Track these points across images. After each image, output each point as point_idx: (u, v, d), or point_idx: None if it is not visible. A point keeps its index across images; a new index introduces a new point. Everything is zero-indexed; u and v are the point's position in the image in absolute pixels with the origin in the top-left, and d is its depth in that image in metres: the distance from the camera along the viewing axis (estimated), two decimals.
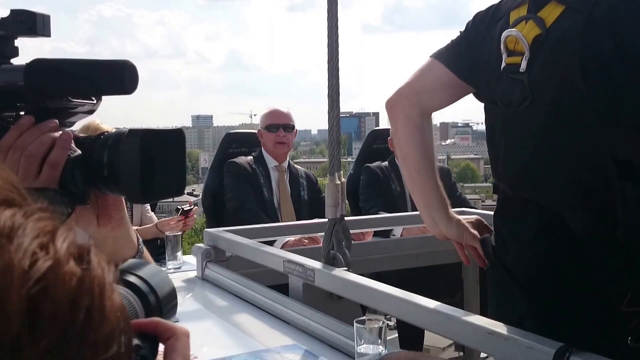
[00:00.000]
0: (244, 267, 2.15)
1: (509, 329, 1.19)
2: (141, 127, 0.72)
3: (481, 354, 2.78)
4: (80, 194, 0.72)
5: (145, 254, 0.87)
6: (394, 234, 2.93)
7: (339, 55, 1.75)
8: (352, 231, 1.87)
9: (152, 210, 3.42)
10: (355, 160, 3.74)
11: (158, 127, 0.81)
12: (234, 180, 3.05)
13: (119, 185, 0.71)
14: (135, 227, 2.44)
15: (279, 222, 2.90)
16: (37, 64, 0.70)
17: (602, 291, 1.24)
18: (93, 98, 0.79)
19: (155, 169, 0.70)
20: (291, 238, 2.59)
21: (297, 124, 3.23)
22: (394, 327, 3.25)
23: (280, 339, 1.61)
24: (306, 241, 2.61)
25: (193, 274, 2.30)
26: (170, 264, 2.47)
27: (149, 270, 0.52)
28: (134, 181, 0.69)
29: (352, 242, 1.84)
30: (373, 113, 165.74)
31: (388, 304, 1.47)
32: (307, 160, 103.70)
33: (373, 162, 3.38)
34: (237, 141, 3.42)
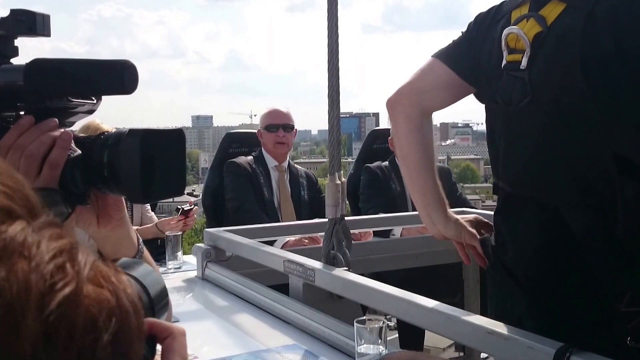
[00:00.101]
0: (244, 267, 2.15)
1: (509, 329, 1.19)
2: (141, 127, 0.72)
3: (481, 354, 2.78)
4: (81, 194, 0.72)
5: (146, 254, 0.87)
6: (393, 233, 2.93)
7: (339, 55, 1.75)
8: (351, 231, 1.87)
9: (152, 210, 3.42)
10: (355, 160, 3.73)
11: (158, 127, 0.81)
12: (234, 180, 3.04)
13: (119, 185, 0.71)
14: (136, 227, 2.44)
15: (279, 222, 2.89)
16: (37, 64, 0.70)
17: (602, 291, 1.24)
18: (93, 98, 0.79)
19: (156, 169, 0.70)
20: (291, 238, 2.59)
21: (297, 124, 3.23)
22: (394, 328, 3.25)
23: (280, 339, 1.61)
24: (306, 241, 2.61)
25: (193, 273, 2.30)
26: (170, 264, 2.47)
27: (142, 270, 0.52)
28: (134, 181, 0.69)
29: (353, 242, 1.84)
30: (373, 113, 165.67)
31: (388, 304, 1.47)
32: (307, 160, 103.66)
33: (373, 162, 3.37)
34: (237, 141, 3.42)
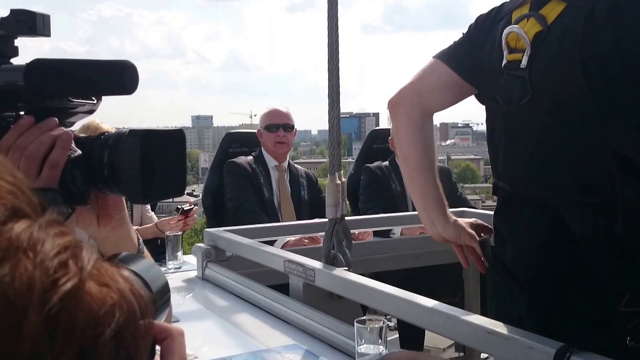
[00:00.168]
0: (245, 267, 2.15)
1: (510, 328, 1.19)
2: (141, 127, 0.72)
3: (481, 355, 2.78)
4: (81, 194, 0.72)
5: (146, 254, 0.87)
6: (393, 232, 2.93)
7: (339, 55, 1.75)
8: (351, 231, 1.87)
9: (152, 210, 3.42)
10: (355, 160, 3.73)
11: (158, 127, 0.81)
12: (234, 180, 3.04)
13: (119, 185, 0.71)
14: (135, 227, 2.44)
15: (279, 222, 2.89)
16: (37, 64, 0.70)
17: (602, 291, 1.24)
18: (93, 98, 0.79)
19: (156, 169, 0.70)
20: (291, 238, 2.59)
21: (297, 124, 3.23)
22: (394, 328, 3.25)
23: (280, 339, 1.61)
24: (306, 241, 2.61)
25: (193, 273, 2.30)
26: (170, 264, 2.47)
27: (143, 265, 0.51)
28: (134, 181, 0.69)
29: (353, 242, 1.84)
30: (373, 114, 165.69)
31: (388, 304, 1.47)
32: (307, 160, 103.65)
33: (373, 162, 3.37)
34: (237, 141, 3.42)
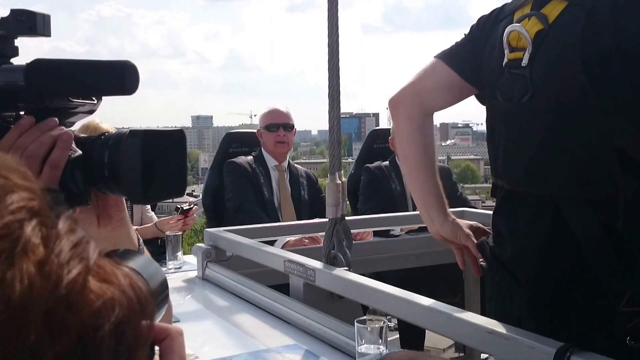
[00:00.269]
0: (245, 267, 2.15)
1: (510, 328, 1.19)
2: (141, 127, 0.71)
3: (482, 355, 2.78)
4: (81, 194, 0.72)
5: (146, 254, 0.87)
6: (393, 229, 2.91)
7: (339, 54, 1.75)
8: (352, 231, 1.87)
9: (152, 210, 3.42)
10: (355, 160, 3.73)
11: (158, 127, 0.80)
12: (234, 180, 3.04)
13: (119, 185, 0.71)
14: (135, 227, 2.44)
15: (279, 221, 2.89)
16: (38, 64, 0.70)
17: (602, 290, 1.24)
18: (93, 98, 0.79)
19: (156, 169, 0.70)
20: (292, 238, 2.59)
21: (297, 125, 3.23)
22: (395, 328, 3.25)
23: (281, 339, 1.61)
24: (307, 241, 2.60)
25: (193, 274, 2.30)
26: (170, 264, 2.47)
27: (141, 262, 0.51)
28: (134, 182, 0.69)
29: (353, 242, 1.84)
30: (373, 114, 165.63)
31: (389, 304, 1.47)
32: (307, 160, 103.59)
33: (373, 162, 3.37)
34: (237, 141, 3.41)
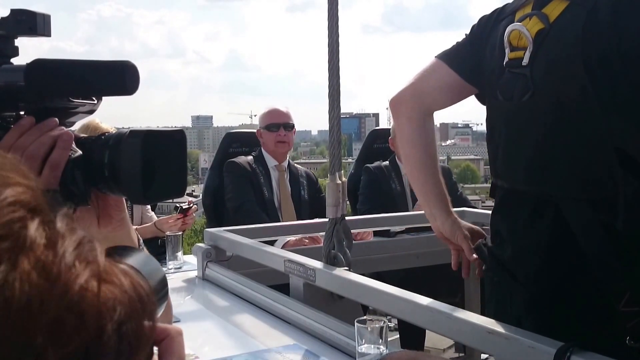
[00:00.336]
0: (245, 267, 2.15)
1: (510, 328, 1.19)
2: (141, 127, 0.71)
3: (482, 355, 2.77)
4: (81, 195, 0.72)
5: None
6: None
7: (339, 54, 1.75)
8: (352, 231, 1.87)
9: (152, 210, 3.42)
10: (355, 160, 3.73)
11: (158, 127, 0.80)
12: (233, 180, 3.04)
13: (119, 185, 0.71)
14: (135, 227, 2.44)
15: (279, 221, 2.89)
16: (38, 64, 0.69)
17: (601, 290, 1.24)
18: (94, 98, 0.79)
19: (156, 170, 0.70)
20: (292, 238, 2.59)
21: (297, 125, 3.23)
22: (395, 329, 3.25)
23: (281, 339, 1.60)
24: (307, 241, 2.60)
25: (194, 273, 2.30)
26: (170, 264, 2.47)
27: (139, 259, 0.50)
28: (134, 182, 0.69)
29: (353, 242, 1.84)
30: (373, 114, 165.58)
31: (389, 304, 1.47)
32: (307, 160, 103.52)
33: (373, 162, 3.37)
34: (237, 141, 3.41)
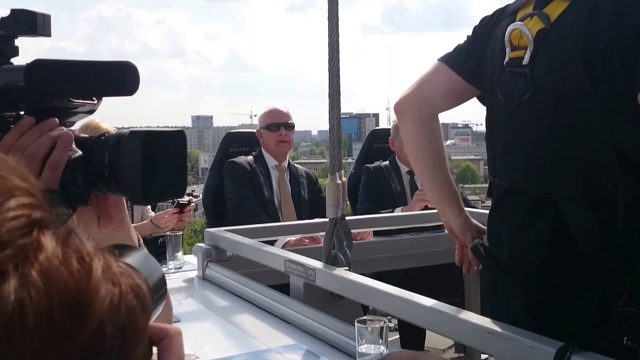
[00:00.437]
0: (245, 267, 2.15)
1: (510, 328, 1.19)
2: (141, 127, 0.71)
3: (482, 355, 2.77)
4: (82, 195, 0.72)
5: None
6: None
7: (339, 54, 1.75)
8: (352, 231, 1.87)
9: (152, 210, 3.42)
10: (355, 160, 3.73)
11: (158, 126, 0.80)
12: (233, 180, 3.04)
13: (119, 185, 0.71)
14: (133, 225, 2.44)
15: (279, 221, 2.89)
16: (38, 65, 0.69)
17: (599, 290, 1.24)
18: (94, 98, 0.79)
19: (156, 170, 0.70)
20: (292, 238, 2.59)
21: (297, 125, 3.23)
22: (395, 329, 3.25)
23: (281, 339, 1.60)
24: (307, 241, 2.60)
25: (194, 273, 2.30)
26: (171, 264, 2.47)
27: (138, 258, 0.50)
28: (135, 182, 0.69)
29: (353, 241, 1.84)
30: (373, 114, 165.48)
31: (389, 304, 1.47)
32: (307, 161, 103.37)
33: (373, 162, 3.37)
34: (237, 141, 3.41)
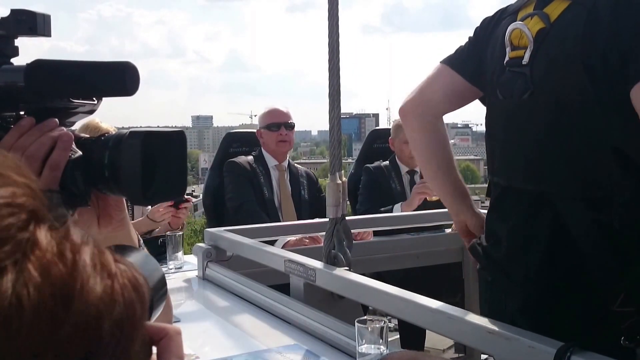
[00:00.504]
0: (245, 267, 2.15)
1: (510, 328, 1.19)
2: (141, 127, 0.71)
3: (482, 356, 2.77)
4: (82, 195, 0.72)
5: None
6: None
7: (339, 54, 1.76)
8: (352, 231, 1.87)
9: None
10: (355, 160, 3.73)
11: (158, 126, 0.80)
12: (234, 179, 3.04)
13: (119, 186, 0.71)
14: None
15: (279, 221, 2.89)
16: (38, 65, 0.69)
17: (596, 290, 1.24)
18: (94, 98, 0.79)
19: (156, 170, 0.70)
20: (292, 238, 2.59)
21: (297, 125, 3.23)
22: (395, 329, 3.25)
23: (281, 339, 1.60)
24: (307, 241, 2.60)
25: (194, 273, 2.30)
26: (171, 264, 2.47)
27: (138, 258, 0.50)
28: (135, 182, 0.68)
29: (353, 241, 1.84)
30: (373, 114, 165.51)
31: (389, 304, 1.47)
32: (307, 161, 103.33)
33: (373, 162, 3.37)
34: (237, 141, 3.41)
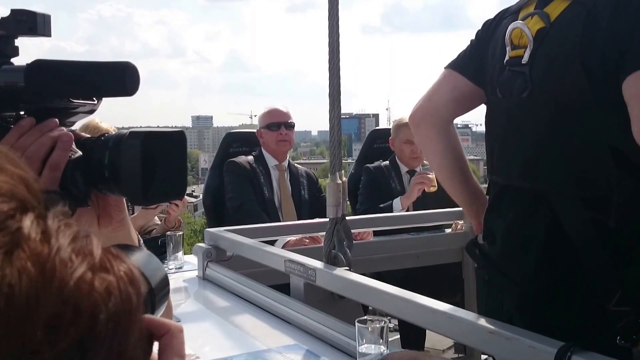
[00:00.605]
0: (245, 267, 2.15)
1: (510, 328, 1.19)
2: (141, 127, 0.71)
3: (482, 356, 2.77)
4: (82, 195, 0.72)
5: None
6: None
7: (339, 54, 1.76)
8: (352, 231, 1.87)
9: None
10: (355, 160, 3.73)
11: (158, 126, 0.80)
12: (234, 179, 3.04)
13: (119, 186, 0.71)
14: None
15: (280, 221, 2.89)
16: (38, 65, 0.69)
17: (592, 289, 1.24)
18: (94, 98, 0.79)
19: (156, 170, 0.70)
20: (292, 238, 2.59)
21: (297, 125, 3.24)
22: (395, 329, 3.25)
23: (281, 339, 1.60)
24: (307, 241, 2.60)
25: (194, 273, 2.30)
26: (171, 264, 2.47)
27: (141, 257, 0.50)
28: (135, 183, 0.68)
29: (353, 241, 1.84)
30: (373, 114, 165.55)
31: (389, 304, 1.47)
32: (307, 161, 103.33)
33: (373, 162, 3.37)
34: (238, 140, 3.41)
